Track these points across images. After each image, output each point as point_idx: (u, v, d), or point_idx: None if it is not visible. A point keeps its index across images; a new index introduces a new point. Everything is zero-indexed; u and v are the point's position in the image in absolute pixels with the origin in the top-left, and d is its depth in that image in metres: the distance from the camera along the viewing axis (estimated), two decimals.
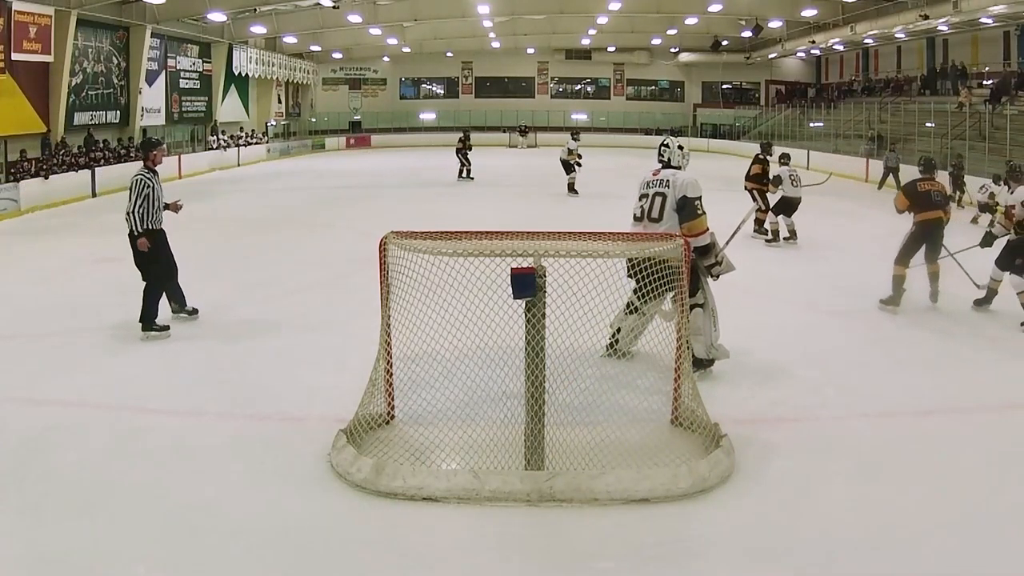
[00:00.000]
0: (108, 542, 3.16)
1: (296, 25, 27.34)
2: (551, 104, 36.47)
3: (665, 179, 4.90)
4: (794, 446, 4.04)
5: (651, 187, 4.94)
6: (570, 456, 3.65)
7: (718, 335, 4.95)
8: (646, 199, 4.94)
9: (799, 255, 9.55)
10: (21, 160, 15.23)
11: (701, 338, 4.86)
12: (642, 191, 5.00)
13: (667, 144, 5.10)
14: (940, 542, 3.17)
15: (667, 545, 3.18)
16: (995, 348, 5.80)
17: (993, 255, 6.67)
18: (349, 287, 7.52)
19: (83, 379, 5.04)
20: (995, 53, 22.74)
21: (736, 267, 5.04)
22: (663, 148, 5.09)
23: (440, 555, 3.15)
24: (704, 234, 4.81)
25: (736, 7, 24.91)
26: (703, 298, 4.89)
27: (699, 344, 4.85)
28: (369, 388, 4.11)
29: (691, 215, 4.77)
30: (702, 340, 4.86)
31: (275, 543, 3.17)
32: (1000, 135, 15.66)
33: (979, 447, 4.07)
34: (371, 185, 18.41)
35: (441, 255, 3.83)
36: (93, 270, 8.74)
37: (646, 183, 4.99)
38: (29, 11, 16.01)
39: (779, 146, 25.87)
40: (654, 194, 4.90)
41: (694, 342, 4.81)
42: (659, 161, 5.08)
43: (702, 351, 4.88)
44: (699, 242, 4.76)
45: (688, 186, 4.81)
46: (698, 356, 4.86)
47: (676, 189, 4.82)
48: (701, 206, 4.80)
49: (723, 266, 4.93)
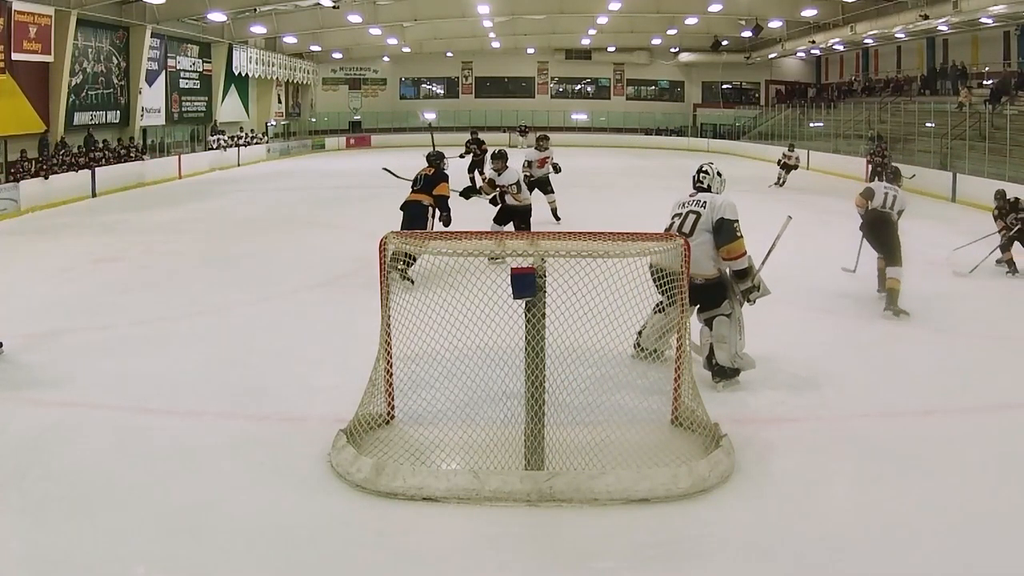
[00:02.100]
0: (108, 542, 3.16)
1: (296, 25, 27.32)
2: (551, 104, 36.43)
3: (702, 200, 4.88)
4: (794, 446, 4.04)
5: (686, 206, 4.91)
6: (570, 456, 3.65)
7: (743, 344, 4.87)
8: (679, 217, 4.90)
9: (799, 255, 9.54)
10: (21, 160, 15.22)
11: (726, 346, 4.79)
12: (676, 211, 4.95)
13: (707, 171, 5.06)
14: (940, 542, 3.17)
15: (667, 545, 3.18)
16: (995, 348, 5.81)
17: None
18: (349, 287, 7.52)
19: (83, 379, 5.04)
20: (995, 53, 22.73)
21: (772, 291, 4.99)
22: (703, 175, 5.05)
23: (440, 555, 3.15)
24: (742, 257, 4.76)
25: (736, 7, 24.89)
26: (729, 308, 4.84)
27: (723, 352, 4.79)
28: (369, 388, 4.11)
29: (730, 237, 4.73)
30: (726, 348, 4.79)
31: (275, 543, 3.17)
32: (1000, 135, 15.65)
33: (979, 447, 4.07)
34: (371, 185, 18.40)
35: (441, 255, 3.84)
36: (93, 270, 8.74)
37: (681, 203, 4.96)
38: (29, 11, 16.01)
39: (779, 146, 26.03)
40: (688, 212, 4.87)
41: (718, 350, 4.79)
42: (696, 186, 5.04)
43: (726, 359, 4.81)
44: (737, 265, 4.76)
45: (726, 208, 4.79)
46: (722, 364, 4.81)
47: (714, 211, 4.79)
48: (739, 229, 4.76)
49: (760, 291, 4.89)
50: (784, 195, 15.99)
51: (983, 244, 8.40)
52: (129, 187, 17.70)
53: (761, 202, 14.85)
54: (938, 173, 15.86)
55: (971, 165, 15.54)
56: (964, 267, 8.18)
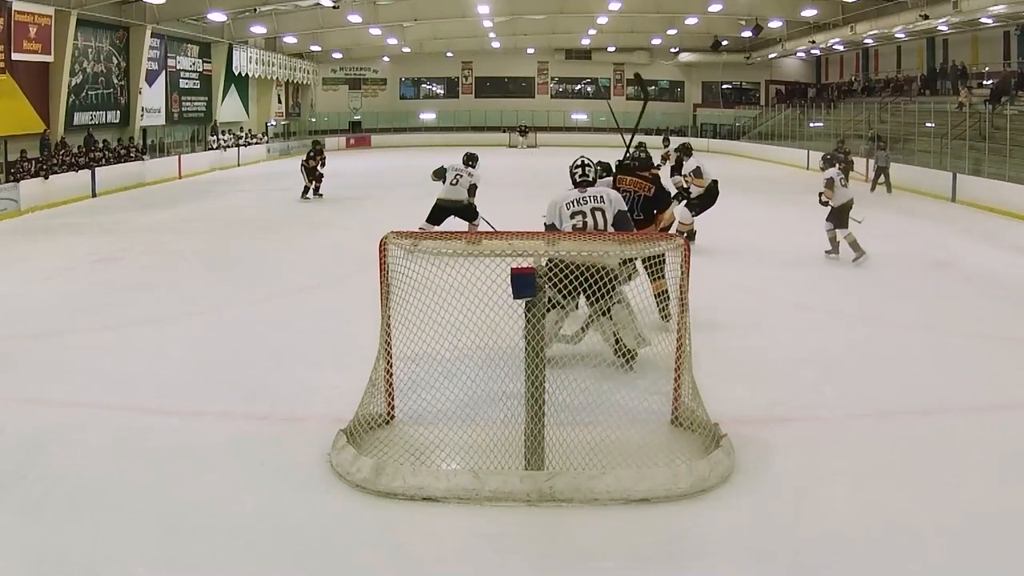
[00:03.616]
0: (108, 542, 3.16)
1: (296, 25, 27.33)
2: (551, 104, 36.42)
3: (599, 195, 5.05)
4: (794, 446, 4.04)
5: (586, 203, 5.00)
6: (570, 456, 3.65)
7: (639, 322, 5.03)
8: (581, 216, 4.96)
9: (799, 255, 9.55)
10: (21, 160, 15.22)
11: (629, 330, 4.93)
12: (573, 209, 4.99)
13: (589, 164, 5.20)
14: (940, 542, 3.17)
15: (667, 545, 3.18)
16: (995, 348, 5.80)
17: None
18: (349, 287, 7.52)
19: (83, 379, 5.04)
20: (995, 53, 22.72)
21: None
22: (587, 168, 5.16)
23: (440, 555, 3.15)
24: None
25: (736, 7, 24.88)
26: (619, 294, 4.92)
27: (629, 336, 4.93)
28: (369, 388, 4.12)
29: (629, 225, 5.05)
30: (631, 331, 4.93)
31: (275, 543, 3.17)
32: (1000, 135, 15.63)
33: (979, 447, 4.07)
34: (371, 185, 18.42)
35: (441, 255, 3.84)
36: (93, 270, 8.74)
37: (574, 201, 5.00)
38: (29, 11, 16.01)
39: (779, 146, 25.95)
40: (592, 209, 4.98)
41: (624, 336, 4.91)
42: (581, 180, 5.12)
43: (633, 342, 4.95)
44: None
45: (619, 199, 5.09)
46: (631, 347, 4.95)
47: (612, 204, 5.00)
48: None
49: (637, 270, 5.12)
50: (785, 196, 15.99)
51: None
52: (129, 187, 17.70)
53: (760, 203, 14.88)
54: (938, 173, 15.85)
55: (971, 165, 15.52)
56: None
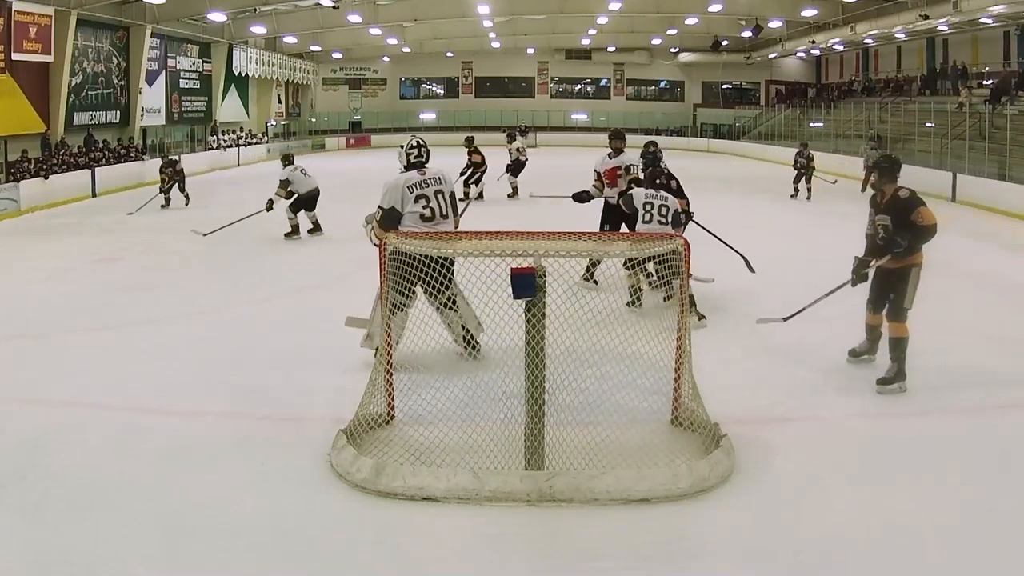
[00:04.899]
0: (108, 542, 3.16)
1: (296, 25, 27.33)
2: (551, 104, 36.42)
3: (437, 176, 5.12)
4: (794, 446, 4.03)
5: (426, 187, 5.05)
6: (570, 456, 3.65)
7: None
8: (425, 199, 5.01)
9: (798, 256, 9.55)
10: (21, 160, 15.23)
11: (471, 319, 4.96)
12: (418, 192, 5.04)
13: (423, 144, 5.27)
14: (940, 542, 3.17)
15: (667, 545, 3.18)
16: (995, 348, 5.80)
17: None
18: (349, 287, 7.52)
19: (83, 379, 5.04)
20: (995, 53, 22.73)
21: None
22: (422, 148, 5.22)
23: (440, 555, 3.15)
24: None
25: (736, 7, 24.89)
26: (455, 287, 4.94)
27: (472, 324, 4.98)
28: (369, 388, 4.11)
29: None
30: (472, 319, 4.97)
31: (275, 543, 3.17)
32: (1000, 135, 15.62)
33: (979, 447, 4.07)
34: (371, 185, 18.38)
35: (441, 255, 3.84)
36: (93, 270, 8.74)
37: (417, 184, 5.04)
38: (29, 11, 16.01)
39: (779, 146, 25.94)
40: (435, 192, 5.05)
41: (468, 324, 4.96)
42: (415, 160, 5.17)
43: (475, 327, 4.99)
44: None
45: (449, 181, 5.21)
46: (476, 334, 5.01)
47: (449, 184, 5.17)
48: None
49: None
50: (784, 196, 15.98)
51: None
52: (129, 187, 17.69)
53: (760, 203, 14.87)
54: (938, 173, 15.84)
55: (971, 165, 15.51)
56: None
